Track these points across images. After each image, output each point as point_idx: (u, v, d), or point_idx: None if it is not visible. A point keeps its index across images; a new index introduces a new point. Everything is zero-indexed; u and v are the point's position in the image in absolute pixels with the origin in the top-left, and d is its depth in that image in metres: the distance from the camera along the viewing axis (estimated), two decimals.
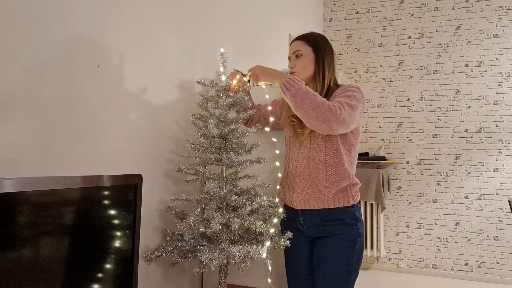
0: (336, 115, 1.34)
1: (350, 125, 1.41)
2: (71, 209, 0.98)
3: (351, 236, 1.47)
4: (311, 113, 1.34)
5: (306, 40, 1.58)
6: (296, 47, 1.59)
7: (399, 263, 3.80)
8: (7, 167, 1.04)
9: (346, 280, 1.45)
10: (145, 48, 1.57)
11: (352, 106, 1.40)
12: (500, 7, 3.63)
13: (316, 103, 1.34)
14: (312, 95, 1.36)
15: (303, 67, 1.55)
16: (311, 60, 1.55)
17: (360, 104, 1.44)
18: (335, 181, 1.46)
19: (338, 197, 1.47)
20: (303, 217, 1.53)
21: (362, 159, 3.79)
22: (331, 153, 1.47)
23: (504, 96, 3.59)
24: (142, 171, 1.52)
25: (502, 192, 3.54)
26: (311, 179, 1.48)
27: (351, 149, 1.51)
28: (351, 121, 1.40)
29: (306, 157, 1.50)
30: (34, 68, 1.12)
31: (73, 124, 1.24)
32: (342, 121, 1.36)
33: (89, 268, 1.04)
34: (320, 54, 1.55)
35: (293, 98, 1.37)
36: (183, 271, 1.79)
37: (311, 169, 1.49)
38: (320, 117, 1.34)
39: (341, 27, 4.16)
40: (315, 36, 1.60)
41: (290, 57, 1.61)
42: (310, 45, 1.56)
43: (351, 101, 1.41)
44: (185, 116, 1.81)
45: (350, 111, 1.39)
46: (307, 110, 1.35)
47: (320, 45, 1.56)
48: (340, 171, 1.47)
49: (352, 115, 1.39)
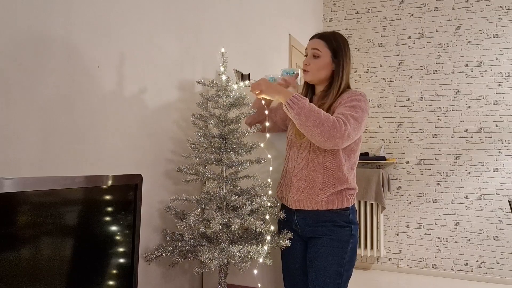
0: (341, 132, 1.33)
1: (354, 138, 1.41)
2: (71, 209, 0.98)
3: (343, 238, 1.46)
4: (316, 130, 1.33)
5: (328, 42, 1.53)
6: (315, 45, 1.54)
7: (399, 263, 3.80)
8: (7, 167, 1.04)
9: (337, 281, 1.45)
10: (145, 48, 1.57)
11: (357, 118, 1.38)
12: (500, 7, 3.63)
13: (320, 121, 1.33)
14: (316, 113, 1.34)
15: (318, 70, 1.53)
16: (327, 64, 1.52)
17: (365, 115, 1.42)
18: (332, 184, 1.46)
19: (332, 199, 1.46)
20: (297, 217, 1.53)
21: (362, 159, 3.79)
22: (330, 157, 1.47)
23: (504, 96, 3.59)
24: (142, 171, 1.53)
25: (502, 192, 3.54)
26: (307, 181, 1.48)
27: (351, 154, 1.50)
28: (355, 135, 1.39)
29: (305, 159, 1.50)
30: (34, 68, 1.12)
31: (73, 124, 1.24)
32: (347, 136, 1.35)
33: (89, 268, 1.04)
34: (341, 62, 1.52)
35: (297, 116, 1.36)
36: (183, 271, 1.79)
37: (309, 170, 1.48)
38: (325, 135, 1.32)
39: (341, 27, 4.15)
40: (338, 40, 1.54)
41: (307, 53, 1.57)
42: (330, 49, 1.52)
43: (356, 112, 1.39)
44: (185, 116, 1.81)
45: (355, 125, 1.37)
46: (311, 127, 1.34)
47: (341, 53, 1.52)
48: (337, 175, 1.46)
49: (357, 129, 1.38)
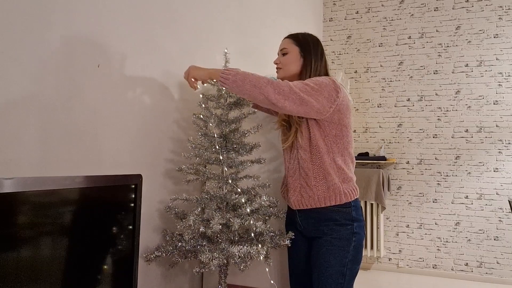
0: (280, 87, 1.32)
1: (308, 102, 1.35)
2: (71, 209, 0.98)
3: (345, 236, 1.43)
4: (255, 90, 1.33)
5: (294, 39, 1.58)
6: (283, 44, 1.60)
7: (399, 263, 3.80)
8: (7, 167, 1.04)
9: (339, 281, 1.41)
10: (145, 48, 1.57)
11: (307, 84, 1.37)
12: (500, 7, 3.63)
13: (256, 80, 1.33)
14: (251, 74, 1.35)
15: (286, 64, 1.56)
16: (296, 58, 1.55)
17: (323, 88, 1.37)
18: (322, 177, 1.43)
19: (329, 195, 1.43)
20: (300, 217, 1.53)
21: (362, 159, 3.80)
22: (315, 150, 1.45)
23: (504, 96, 3.59)
24: (142, 171, 1.52)
25: (502, 192, 3.54)
26: (302, 179, 1.48)
27: (338, 140, 1.44)
28: (306, 97, 1.35)
29: (296, 158, 1.50)
30: (34, 68, 1.12)
31: (73, 124, 1.24)
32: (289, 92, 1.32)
33: (89, 268, 1.04)
34: (309, 57, 1.54)
35: (234, 84, 1.35)
36: (183, 271, 1.79)
37: (300, 169, 1.48)
38: (263, 90, 1.32)
39: (341, 27, 4.15)
40: (306, 37, 1.59)
41: (278, 54, 1.62)
42: (297, 45, 1.56)
43: (309, 82, 1.39)
44: (185, 116, 1.81)
45: (305, 88, 1.35)
46: (250, 90, 1.34)
47: (309, 47, 1.55)
48: (324, 165, 1.43)
49: (307, 92, 1.35)
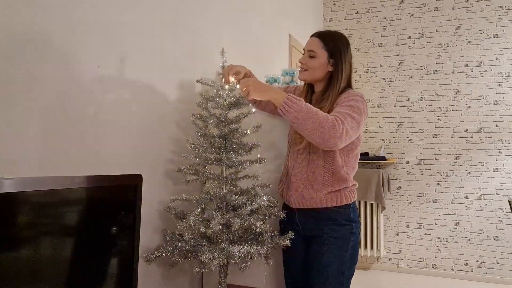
0: (339, 131, 1.29)
1: (353, 138, 1.39)
2: (71, 209, 0.98)
3: (344, 236, 1.47)
4: (315, 133, 1.29)
5: (324, 43, 1.50)
6: (311, 46, 1.51)
7: (399, 263, 3.80)
8: (7, 167, 1.04)
9: (339, 279, 1.45)
10: (145, 48, 1.57)
11: (354, 118, 1.36)
12: (500, 7, 3.63)
13: (319, 123, 1.28)
14: (314, 114, 1.30)
15: (313, 69, 1.51)
16: (324, 64, 1.49)
17: (363, 116, 1.40)
18: (331, 184, 1.47)
19: (331, 197, 1.47)
20: (299, 216, 1.54)
21: (362, 159, 3.79)
22: (329, 159, 1.46)
23: (504, 96, 3.59)
24: (142, 171, 1.52)
25: (502, 192, 3.54)
26: (307, 181, 1.48)
27: (350, 154, 1.48)
28: (353, 133, 1.36)
29: (305, 160, 1.50)
30: (34, 68, 1.12)
31: (73, 124, 1.24)
32: (345, 135, 1.32)
33: (89, 268, 1.04)
34: (338, 64, 1.49)
35: (295, 120, 1.31)
36: (183, 271, 1.79)
37: (308, 172, 1.48)
38: (325, 136, 1.29)
39: (341, 27, 4.15)
40: (336, 41, 1.51)
41: (304, 51, 1.54)
42: (327, 50, 1.49)
43: (354, 112, 1.37)
44: (185, 116, 1.81)
45: (353, 124, 1.34)
46: (310, 130, 1.30)
47: (339, 54, 1.49)
48: (337, 176, 1.46)
49: (354, 128, 1.35)
